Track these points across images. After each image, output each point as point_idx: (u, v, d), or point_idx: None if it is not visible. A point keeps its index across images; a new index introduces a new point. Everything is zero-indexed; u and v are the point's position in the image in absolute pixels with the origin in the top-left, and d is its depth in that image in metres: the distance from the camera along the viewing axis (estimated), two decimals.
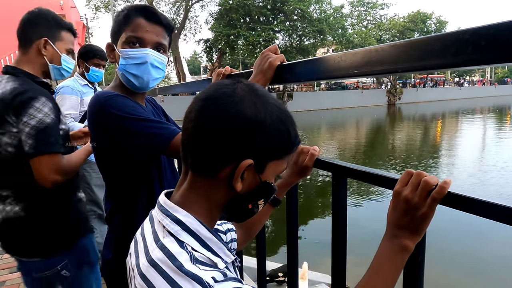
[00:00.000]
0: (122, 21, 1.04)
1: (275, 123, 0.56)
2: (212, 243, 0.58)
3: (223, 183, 0.57)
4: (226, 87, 0.56)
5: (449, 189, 0.58)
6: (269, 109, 0.56)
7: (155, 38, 1.05)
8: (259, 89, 0.58)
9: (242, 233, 0.93)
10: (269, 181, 0.60)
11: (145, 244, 0.60)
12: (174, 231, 0.56)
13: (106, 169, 1.09)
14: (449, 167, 9.47)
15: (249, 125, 0.54)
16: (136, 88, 1.09)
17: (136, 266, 0.58)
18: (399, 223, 0.61)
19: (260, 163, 0.57)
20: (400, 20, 38.22)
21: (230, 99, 0.54)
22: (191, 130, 0.57)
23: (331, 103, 33.60)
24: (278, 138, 0.57)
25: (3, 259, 3.09)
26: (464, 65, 0.51)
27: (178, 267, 0.52)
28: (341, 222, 0.83)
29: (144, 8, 1.04)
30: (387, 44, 0.62)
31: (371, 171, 0.74)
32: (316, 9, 28.04)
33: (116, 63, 1.07)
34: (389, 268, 0.61)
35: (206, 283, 0.51)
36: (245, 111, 0.54)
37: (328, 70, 0.75)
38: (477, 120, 21.91)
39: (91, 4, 27.97)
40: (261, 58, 0.98)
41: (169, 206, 0.59)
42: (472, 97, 44.64)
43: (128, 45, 1.03)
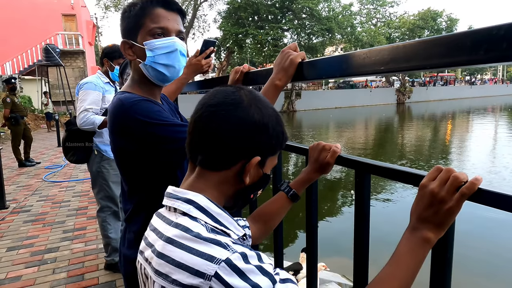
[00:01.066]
0: (139, 14, 1.01)
1: (275, 125, 0.65)
2: (222, 218, 0.62)
3: (233, 176, 0.65)
4: (234, 94, 0.64)
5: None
6: (269, 113, 0.65)
7: (176, 26, 1.04)
8: (260, 95, 0.67)
9: (259, 228, 0.93)
10: (268, 173, 0.69)
11: (157, 232, 0.63)
12: (186, 209, 0.61)
13: (130, 172, 1.08)
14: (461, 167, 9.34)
15: (257, 127, 0.63)
16: (165, 80, 1.07)
17: (152, 252, 0.61)
18: (422, 216, 0.61)
19: (263, 159, 0.65)
20: (410, 18, 37.77)
21: (239, 105, 0.62)
22: (204, 132, 0.63)
23: (339, 101, 33.38)
24: (276, 137, 0.66)
25: (19, 254, 3.16)
26: (498, 60, 0.50)
27: (196, 236, 0.56)
28: (364, 219, 0.83)
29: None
30: (416, 40, 0.61)
31: (395, 167, 0.74)
32: (325, 7, 27.86)
33: (137, 59, 1.04)
34: (410, 260, 0.60)
35: (225, 243, 0.55)
36: (254, 116, 0.62)
37: (353, 67, 0.75)
38: (489, 119, 21.56)
39: (101, 4, 28.22)
40: (282, 56, 0.98)
41: (178, 192, 0.64)
42: (483, 96, 43.94)
43: (152, 37, 1.01)
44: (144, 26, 1.01)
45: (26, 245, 3.36)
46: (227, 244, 0.54)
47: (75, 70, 20.48)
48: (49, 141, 11.37)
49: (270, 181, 0.73)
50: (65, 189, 5.41)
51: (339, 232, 5.39)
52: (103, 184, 2.63)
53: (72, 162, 2.67)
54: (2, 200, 4.52)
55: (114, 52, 2.60)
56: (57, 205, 4.62)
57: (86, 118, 2.45)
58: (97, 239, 3.41)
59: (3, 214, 4.26)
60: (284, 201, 0.93)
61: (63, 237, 3.52)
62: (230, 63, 29.68)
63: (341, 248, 4.49)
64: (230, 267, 0.52)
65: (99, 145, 2.60)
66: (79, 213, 4.28)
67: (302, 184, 0.94)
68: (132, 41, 1.04)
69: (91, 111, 2.47)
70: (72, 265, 2.93)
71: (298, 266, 3.49)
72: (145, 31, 1.01)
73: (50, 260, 3.04)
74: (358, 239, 0.85)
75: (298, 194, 0.93)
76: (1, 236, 3.60)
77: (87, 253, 3.16)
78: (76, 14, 22.11)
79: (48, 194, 5.15)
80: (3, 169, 4.83)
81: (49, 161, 7.83)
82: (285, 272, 0.58)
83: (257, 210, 0.96)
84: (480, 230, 5.24)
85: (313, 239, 1.04)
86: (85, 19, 24.21)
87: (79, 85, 2.60)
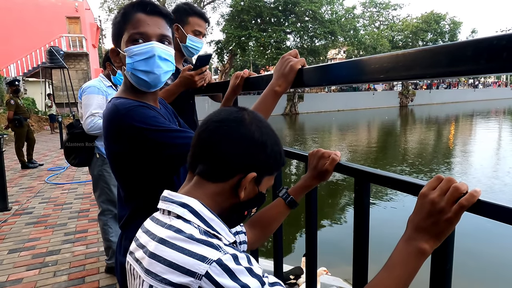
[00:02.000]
0: (121, 21, 1.00)
1: (273, 144, 0.69)
2: (215, 223, 0.63)
3: (228, 189, 0.67)
4: (237, 113, 0.68)
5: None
6: (269, 133, 0.69)
7: (158, 31, 1.01)
8: (260, 116, 0.71)
9: (256, 233, 0.94)
10: (263, 192, 0.71)
11: (150, 233, 0.64)
12: (180, 212, 0.62)
13: (125, 177, 1.06)
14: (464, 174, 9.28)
15: (257, 144, 0.66)
16: (149, 86, 1.03)
17: (144, 253, 0.61)
18: (420, 225, 0.60)
19: (259, 177, 0.68)
20: (413, 21, 37.72)
21: (241, 123, 0.66)
22: (206, 144, 0.67)
23: (342, 104, 33.35)
24: (274, 157, 0.69)
25: (20, 256, 3.16)
26: (498, 71, 0.50)
27: (188, 237, 0.57)
28: (364, 227, 0.82)
29: (141, 2, 1.00)
30: (416, 49, 0.61)
31: (396, 176, 0.73)
32: (328, 10, 27.86)
33: (123, 66, 1.03)
34: (403, 270, 0.60)
35: (217, 245, 0.56)
36: (254, 134, 0.66)
37: (353, 74, 0.75)
38: (492, 123, 21.45)
39: (105, 6, 28.43)
40: (282, 62, 0.98)
41: (173, 195, 0.66)
42: (487, 99, 43.74)
43: (132, 43, 0.99)
44: (125, 32, 1.00)
45: (27, 247, 3.36)
46: (219, 246, 0.56)
47: (78, 72, 20.59)
48: (52, 143, 11.42)
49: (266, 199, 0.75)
50: (67, 191, 5.43)
51: (341, 235, 5.37)
52: (105, 188, 2.63)
53: (73, 165, 2.67)
54: (5, 202, 4.54)
55: None
56: (59, 207, 4.63)
57: (94, 123, 2.45)
58: (98, 242, 3.41)
59: (5, 216, 4.27)
60: (282, 207, 0.94)
61: (65, 240, 3.53)
62: (233, 65, 29.76)
63: (343, 252, 4.47)
64: (221, 267, 0.53)
65: (101, 148, 2.60)
66: (81, 215, 4.28)
67: (301, 190, 0.94)
68: (118, 48, 1.03)
69: (97, 115, 2.46)
70: (73, 268, 2.94)
71: (300, 271, 3.47)
72: (126, 37, 1.00)
73: (51, 262, 3.04)
74: (357, 247, 0.84)
75: (296, 201, 0.94)
76: (3, 238, 3.61)
77: (88, 256, 3.17)
78: (80, 16, 22.26)
79: (50, 196, 5.16)
80: (6, 171, 4.86)
81: (52, 163, 7.86)
82: (274, 277, 0.60)
83: (255, 216, 0.96)
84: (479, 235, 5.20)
85: (313, 245, 1.03)
86: (89, 21, 24.36)
87: (82, 89, 2.59)
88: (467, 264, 4.15)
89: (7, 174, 5.24)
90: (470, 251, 4.49)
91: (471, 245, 4.67)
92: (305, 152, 0.99)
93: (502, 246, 4.85)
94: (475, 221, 1.66)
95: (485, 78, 57.06)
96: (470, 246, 4.61)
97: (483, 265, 4.40)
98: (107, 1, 28.05)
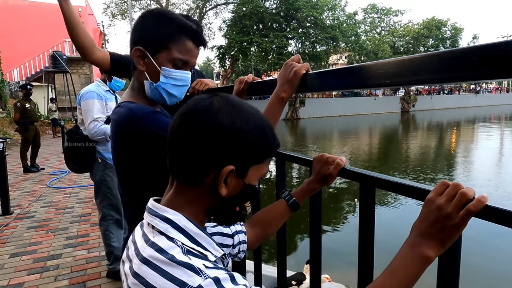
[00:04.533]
0: (168, 35, 0.98)
1: (251, 129, 0.60)
2: (200, 238, 0.60)
3: (207, 189, 0.61)
4: (204, 101, 0.61)
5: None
6: (245, 117, 0.60)
7: (195, 61, 1.05)
8: (235, 100, 0.63)
9: (256, 233, 0.94)
10: (253, 183, 0.63)
11: (136, 247, 0.62)
12: (163, 229, 0.59)
13: (133, 183, 1.05)
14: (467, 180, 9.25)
15: (227, 133, 0.58)
16: (161, 102, 1.08)
17: (129, 269, 0.60)
18: (426, 231, 0.59)
19: (241, 168, 0.60)
20: (415, 26, 37.86)
21: (207, 112, 0.59)
22: (174, 143, 0.61)
23: (343, 109, 33.38)
24: (256, 143, 0.61)
25: (22, 260, 3.16)
26: (504, 76, 0.50)
27: (169, 259, 0.54)
28: (369, 233, 0.82)
29: (194, 31, 1.01)
30: (422, 54, 0.61)
31: (401, 181, 0.73)
32: (329, 16, 28.02)
33: (145, 73, 1.03)
34: (405, 275, 0.59)
35: (197, 268, 0.53)
36: (222, 121, 0.58)
37: (358, 79, 0.75)
38: (494, 129, 21.40)
39: (108, 12, 28.66)
40: (286, 68, 0.98)
41: (157, 208, 0.62)
42: (488, 105, 43.69)
43: (172, 65, 1.01)
44: (168, 51, 1.00)
45: (29, 251, 3.36)
46: (200, 269, 0.53)
47: (81, 77, 20.68)
48: (54, 147, 11.45)
49: (261, 192, 0.68)
50: (69, 195, 5.43)
51: (343, 242, 5.34)
52: (107, 193, 2.62)
53: (74, 171, 2.66)
54: (7, 205, 4.54)
55: None
56: (61, 211, 4.63)
57: (98, 128, 2.44)
58: (100, 246, 3.40)
59: (7, 220, 4.27)
60: (283, 208, 0.93)
61: (66, 244, 3.52)
62: (234, 70, 29.86)
63: (345, 259, 4.44)
64: None
65: (103, 153, 2.59)
66: (83, 219, 4.28)
67: (304, 193, 0.94)
68: (149, 54, 1.01)
69: (99, 120, 2.46)
70: (75, 273, 2.93)
71: (302, 277, 3.45)
72: (167, 56, 1.00)
73: (52, 267, 3.03)
74: (362, 253, 0.84)
75: (298, 203, 0.93)
76: (5, 242, 3.60)
77: (89, 260, 3.16)
78: (84, 22, 22.40)
79: (52, 200, 5.16)
80: (8, 175, 4.87)
81: (54, 167, 7.88)
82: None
83: (256, 215, 0.96)
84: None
85: (317, 251, 1.03)
86: (92, 26, 24.55)
87: (80, 95, 2.58)
88: (473, 269, 4.11)
89: (9, 178, 5.25)
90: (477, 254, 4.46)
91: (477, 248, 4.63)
92: (310, 157, 0.99)
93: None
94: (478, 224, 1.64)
95: (487, 83, 57.09)
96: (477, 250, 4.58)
97: (489, 269, 4.36)
98: (110, 7, 28.32)
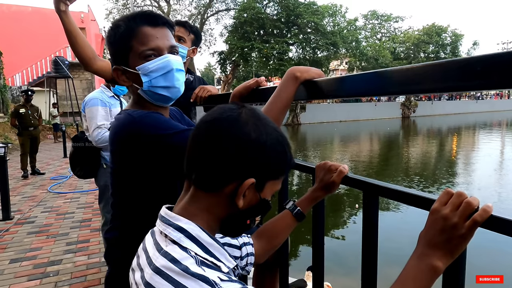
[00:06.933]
0: (125, 36, 0.94)
1: (274, 145, 0.61)
2: (213, 248, 0.59)
3: (225, 199, 0.61)
4: (232, 111, 0.61)
5: None
6: (269, 132, 0.61)
7: (167, 43, 0.97)
8: (261, 113, 0.63)
9: (263, 245, 0.92)
10: (267, 198, 0.64)
11: (147, 255, 0.61)
12: (177, 238, 0.58)
13: (128, 189, 1.02)
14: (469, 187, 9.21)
15: (252, 146, 0.58)
16: (169, 100, 1.02)
17: (141, 278, 0.59)
18: (433, 242, 0.59)
19: (260, 182, 0.61)
20: (415, 33, 38.03)
21: (235, 123, 0.59)
22: (197, 149, 0.61)
23: (344, 115, 33.40)
24: (277, 159, 0.62)
25: (22, 266, 3.14)
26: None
27: (183, 270, 0.53)
28: (372, 241, 0.81)
29: (143, 14, 0.95)
30: (426, 63, 0.61)
31: (405, 190, 0.73)
32: (330, 22, 28.19)
33: (133, 84, 0.98)
34: (415, 286, 0.58)
35: (213, 281, 0.52)
36: (249, 134, 0.58)
37: (362, 87, 0.75)
38: (495, 135, 21.37)
39: (110, 18, 28.86)
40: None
41: (170, 216, 0.62)
42: (489, 111, 43.71)
43: (144, 59, 0.94)
44: (133, 49, 0.95)
45: (29, 257, 3.34)
46: (215, 282, 0.52)
47: (83, 82, 20.76)
48: (55, 152, 11.45)
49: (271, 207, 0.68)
50: (69, 201, 5.42)
51: (344, 249, 5.31)
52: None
53: (79, 177, 2.66)
54: (7, 211, 4.53)
55: None
56: (61, 216, 4.62)
57: (101, 136, 2.44)
58: (100, 252, 3.39)
59: (7, 225, 4.26)
60: (289, 219, 0.92)
61: (66, 250, 3.50)
62: (235, 76, 29.96)
63: (346, 266, 4.42)
64: None
65: (108, 158, 2.59)
66: (83, 225, 4.26)
67: (308, 202, 0.93)
68: (123, 67, 0.97)
69: (103, 127, 2.46)
70: (75, 279, 2.91)
71: (303, 283, 3.42)
72: (135, 54, 0.95)
73: (52, 273, 3.01)
74: (366, 262, 0.83)
75: (303, 213, 0.92)
76: (5, 247, 3.59)
77: (89, 266, 3.14)
78: (86, 27, 22.56)
79: (53, 206, 5.15)
80: (9, 179, 4.86)
81: (55, 172, 7.87)
82: None
83: (262, 227, 0.95)
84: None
85: (320, 259, 1.02)
86: (94, 32, 24.69)
87: (84, 102, 2.59)
88: None
89: (10, 183, 5.25)
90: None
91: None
92: (312, 164, 0.98)
93: None
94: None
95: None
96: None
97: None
98: (112, 13, 28.51)
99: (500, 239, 0.48)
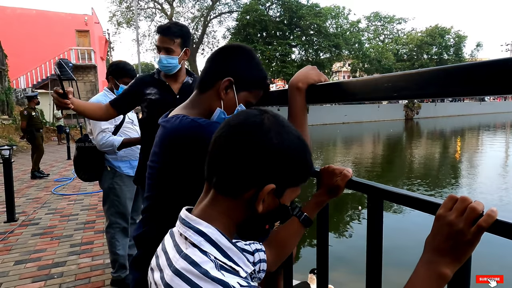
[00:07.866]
0: (259, 80, 1.09)
1: (296, 152, 0.62)
2: (232, 253, 0.60)
3: (244, 203, 0.61)
4: (255, 116, 0.61)
5: None
6: (291, 139, 0.61)
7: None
8: (284, 120, 0.64)
9: (274, 253, 0.91)
10: (286, 204, 0.65)
11: (167, 257, 0.62)
12: (197, 242, 0.59)
13: (173, 190, 1.01)
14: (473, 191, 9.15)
15: (275, 153, 0.59)
16: None
17: (160, 279, 0.60)
18: (440, 248, 0.59)
19: (280, 188, 0.61)
20: (418, 34, 37.98)
21: (258, 128, 0.60)
22: (219, 153, 0.62)
23: (347, 117, 33.34)
24: (297, 166, 0.62)
25: (26, 267, 3.16)
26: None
27: (204, 274, 0.54)
28: (377, 245, 0.81)
29: (268, 85, 1.12)
30: (432, 68, 0.62)
31: (410, 194, 0.73)
32: (333, 24, 28.24)
33: (221, 101, 1.01)
34: None
35: (232, 286, 0.53)
36: (272, 140, 0.59)
37: (367, 92, 0.76)
38: (500, 137, 21.26)
39: (113, 20, 29.03)
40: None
41: (191, 219, 0.62)
42: (493, 112, 43.52)
43: (245, 104, 1.04)
44: (249, 93, 1.04)
45: (33, 258, 3.36)
46: (234, 287, 0.53)
47: (86, 84, 20.91)
48: (59, 153, 11.52)
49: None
50: (73, 202, 5.44)
51: (348, 251, 5.29)
52: (115, 200, 2.61)
53: (84, 180, 2.67)
54: (12, 212, 4.56)
55: (120, 71, 2.55)
56: (65, 218, 4.64)
57: (106, 140, 2.44)
58: (104, 254, 3.40)
59: (12, 227, 4.28)
60: (296, 226, 0.91)
61: (70, 251, 3.52)
62: None
63: (351, 268, 4.40)
64: None
65: (112, 161, 2.59)
66: (87, 227, 4.28)
67: (314, 207, 0.93)
68: (241, 89, 1.02)
69: (107, 131, 2.46)
70: (79, 280, 2.92)
71: (306, 286, 3.42)
72: (246, 97, 1.04)
73: (56, 274, 3.03)
74: (371, 266, 0.83)
75: (310, 218, 0.92)
76: (10, 249, 3.61)
77: (93, 268, 3.15)
78: (89, 30, 22.73)
79: (57, 207, 5.18)
80: (14, 181, 4.90)
81: (59, 174, 7.92)
82: None
83: (270, 236, 0.94)
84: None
85: (324, 263, 1.02)
86: (98, 34, 24.85)
87: None
88: None
89: (15, 185, 5.27)
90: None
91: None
92: (317, 168, 0.99)
93: None
94: None
95: None
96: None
97: None
98: (115, 15, 28.70)
99: (500, 239, 0.48)
